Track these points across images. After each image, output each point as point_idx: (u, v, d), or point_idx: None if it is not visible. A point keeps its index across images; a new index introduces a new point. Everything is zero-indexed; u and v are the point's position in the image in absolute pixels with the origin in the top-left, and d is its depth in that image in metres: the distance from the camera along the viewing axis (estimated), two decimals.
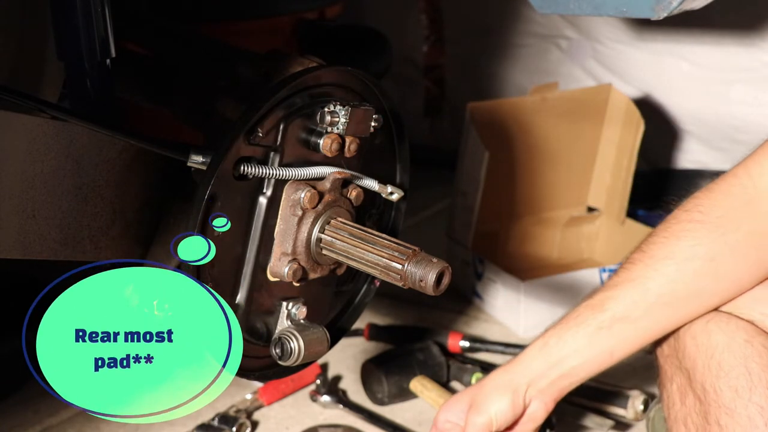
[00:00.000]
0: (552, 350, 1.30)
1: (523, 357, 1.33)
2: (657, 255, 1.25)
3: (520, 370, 1.32)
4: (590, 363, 1.30)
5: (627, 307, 1.25)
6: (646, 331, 1.27)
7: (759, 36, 2.42)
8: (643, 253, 1.27)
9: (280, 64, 1.40)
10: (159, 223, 1.36)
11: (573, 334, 1.27)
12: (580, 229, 2.38)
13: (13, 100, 1.12)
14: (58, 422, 1.81)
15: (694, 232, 1.24)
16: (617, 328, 1.26)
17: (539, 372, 1.31)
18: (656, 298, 1.25)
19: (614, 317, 1.25)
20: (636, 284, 1.25)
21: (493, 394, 1.33)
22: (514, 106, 2.28)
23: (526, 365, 1.32)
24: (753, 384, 1.19)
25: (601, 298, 1.27)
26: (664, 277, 1.24)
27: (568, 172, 2.34)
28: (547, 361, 1.30)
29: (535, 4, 1.23)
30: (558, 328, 1.30)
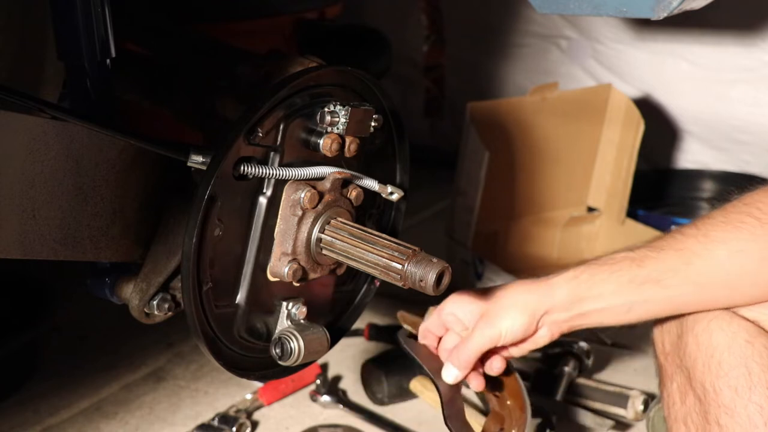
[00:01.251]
0: (581, 286, 1.28)
1: (549, 282, 1.32)
2: (712, 236, 1.23)
3: (543, 295, 1.31)
4: (609, 311, 1.28)
5: (664, 273, 1.23)
6: (670, 302, 1.26)
7: (759, 36, 2.43)
8: (697, 229, 1.24)
9: (280, 64, 1.40)
10: (159, 223, 1.35)
11: (604, 279, 1.26)
12: (580, 229, 2.38)
13: (13, 100, 1.12)
14: (58, 422, 1.81)
15: (752, 228, 1.22)
16: (647, 288, 1.24)
17: (561, 303, 1.30)
18: (696, 276, 1.23)
19: (648, 276, 1.24)
20: (682, 255, 1.23)
21: (510, 311, 1.32)
22: (514, 106, 2.28)
23: (550, 292, 1.31)
24: (753, 384, 1.19)
25: (642, 255, 1.25)
26: (712, 259, 1.22)
27: (568, 172, 2.34)
28: (572, 295, 1.29)
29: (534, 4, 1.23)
30: (593, 267, 1.29)
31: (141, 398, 1.88)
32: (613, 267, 1.26)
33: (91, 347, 2.07)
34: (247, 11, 2.21)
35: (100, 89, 1.32)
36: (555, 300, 1.30)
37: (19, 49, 1.37)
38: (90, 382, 1.92)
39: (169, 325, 1.48)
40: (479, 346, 1.33)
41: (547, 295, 1.31)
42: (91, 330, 2.11)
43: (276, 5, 2.24)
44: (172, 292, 1.35)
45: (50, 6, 1.29)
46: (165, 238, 1.34)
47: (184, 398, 1.88)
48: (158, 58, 1.61)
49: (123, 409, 1.84)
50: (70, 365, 1.99)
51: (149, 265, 1.34)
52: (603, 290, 1.26)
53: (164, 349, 2.04)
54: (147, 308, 1.34)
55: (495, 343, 1.33)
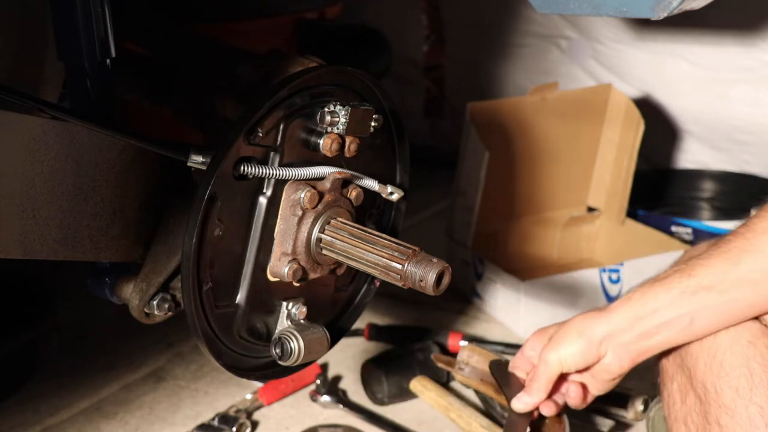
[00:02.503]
0: (634, 305, 1.27)
1: (606, 308, 1.32)
2: (757, 228, 1.20)
3: (600, 320, 1.31)
4: (671, 326, 1.25)
5: (715, 277, 1.21)
6: (730, 305, 1.22)
7: (759, 36, 2.43)
8: (745, 227, 1.22)
9: (280, 64, 1.40)
10: (159, 223, 1.35)
11: (655, 294, 1.25)
12: (580, 229, 2.38)
13: (13, 100, 1.12)
14: (58, 422, 1.81)
15: None
16: (701, 296, 1.22)
17: (619, 326, 1.29)
18: (747, 273, 1.20)
19: (700, 284, 1.21)
20: (729, 256, 1.21)
21: (569, 336, 1.33)
22: (514, 106, 2.28)
23: (606, 316, 1.30)
24: (754, 384, 1.19)
25: (691, 264, 1.23)
26: (759, 251, 1.19)
27: (568, 172, 2.34)
28: (628, 315, 1.28)
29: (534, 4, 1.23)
30: (644, 286, 1.28)
31: (141, 398, 1.88)
32: (663, 282, 1.25)
33: (91, 347, 2.07)
34: (247, 11, 2.21)
35: (100, 89, 1.32)
36: (612, 322, 1.30)
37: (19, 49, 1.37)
38: (90, 382, 1.92)
39: (169, 325, 1.48)
40: (545, 373, 1.35)
41: (602, 319, 1.31)
42: (91, 330, 2.11)
43: (276, 5, 2.24)
44: (172, 292, 1.35)
45: (50, 6, 1.29)
46: (165, 238, 1.34)
47: (184, 398, 1.88)
48: (158, 58, 1.61)
49: (123, 409, 1.84)
50: (70, 365, 1.99)
51: (149, 265, 1.34)
52: (658, 305, 1.25)
53: (164, 349, 2.04)
54: (147, 308, 1.35)
55: (559, 369, 1.35)
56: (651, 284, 1.28)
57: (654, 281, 1.28)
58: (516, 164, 2.27)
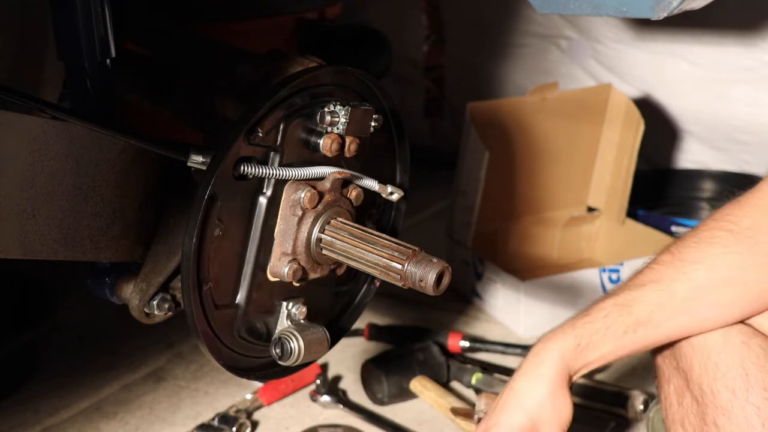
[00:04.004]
0: (578, 359, 1.23)
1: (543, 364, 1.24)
2: (686, 258, 1.23)
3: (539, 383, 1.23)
4: (607, 359, 1.26)
5: (652, 311, 1.22)
6: (665, 336, 1.25)
7: (759, 36, 2.43)
8: (672, 255, 1.24)
9: (280, 64, 1.40)
10: (159, 223, 1.35)
11: (602, 338, 1.23)
12: (580, 229, 2.38)
13: (13, 100, 1.12)
14: (58, 422, 1.81)
15: (725, 240, 1.22)
16: (641, 332, 1.23)
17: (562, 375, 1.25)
18: (681, 303, 1.22)
19: (639, 321, 1.22)
20: (662, 286, 1.23)
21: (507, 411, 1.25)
22: (514, 106, 2.28)
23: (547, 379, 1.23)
24: (750, 385, 1.19)
25: (627, 298, 1.23)
26: (691, 281, 1.22)
27: (568, 172, 2.34)
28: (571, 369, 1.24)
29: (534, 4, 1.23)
30: (585, 328, 1.23)
31: (141, 398, 1.88)
32: (606, 321, 1.23)
33: (91, 347, 2.07)
34: (247, 11, 2.21)
35: (100, 89, 1.32)
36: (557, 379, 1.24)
37: (19, 49, 1.37)
38: (90, 382, 1.92)
39: (169, 325, 1.48)
40: None
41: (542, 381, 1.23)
42: (91, 330, 2.11)
43: (276, 5, 2.24)
44: (172, 292, 1.35)
45: (50, 6, 1.29)
46: (165, 238, 1.34)
47: (184, 398, 1.88)
48: (158, 58, 1.61)
49: (123, 409, 1.84)
50: (70, 365, 1.99)
51: (149, 265, 1.35)
52: (603, 351, 1.23)
53: (164, 349, 2.04)
54: (147, 308, 1.35)
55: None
56: (592, 324, 1.23)
57: (594, 319, 1.23)
58: (516, 164, 2.27)
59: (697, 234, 1.25)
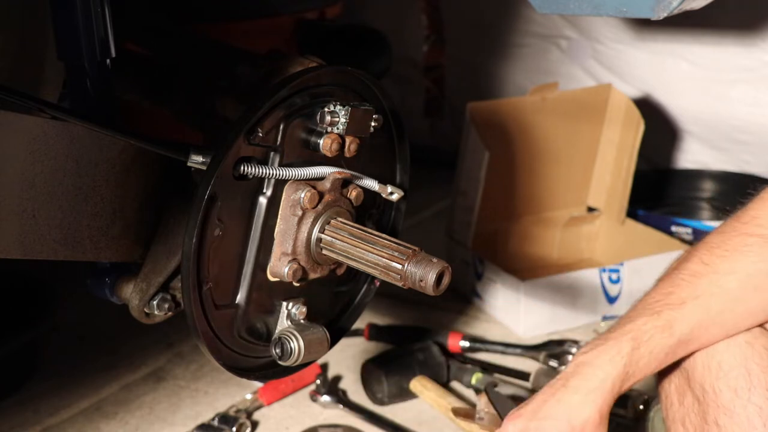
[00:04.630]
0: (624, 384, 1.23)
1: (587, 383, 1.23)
2: (720, 270, 1.22)
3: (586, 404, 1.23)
4: (644, 378, 1.26)
5: (693, 330, 1.22)
6: (697, 348, 1.25)
7: (759, 36, 2.43)
8: (705, 266, 1.23)
9: (280, 64, 1.40)
10: (159, 222, 1.35)
11: (646, 363, 1.22)
12: (580, 229, 2.38)
13: (13, 100, 1.12)
14: (58, 422, 1.81)
15: (757, 247, 1.21)
16: (680, 351, 1.23)
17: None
18: (716, 316, 1.22)
19: (680, 341, 1.22)
20: (700, 302, 1.22)
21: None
22: (514, 106, 2.28)
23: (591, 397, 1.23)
24: (752, 385, 1.19)
25: (668, 318, 1.22)
26: (727, 294, 1.22)
27: (568, 172, 2.34)
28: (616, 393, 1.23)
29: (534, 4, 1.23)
30: (634, 355, 1.22)
31: (141, 398, 1.88)
32: (649, 345, 1.22)
33: (91, 347, 2.07)
34: (247, 11, 2.21)
35: (100, 89, 1.32)
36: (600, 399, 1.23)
37: (19, 49, 1.37)
38: (90, 382, 1.92)
39: (169, 325, 1.48)
40: None
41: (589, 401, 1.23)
42: (91, 330, 2.11)
43: (276, 5, 2.24)
44: (172, 292, 1.35)
45: (50, 6, 1.29)
46: (165, 238, 1.34)
47: (184, 398, 1.88)
48: (158, 58, 1.61)
49: (123, 409, 1.84)
50: (70, 365, 1.99)
51: (149, 265, 1.35)
52: (646, 373, 1.23)
53: (164, 349, 2.04)
54: (147, 308, 1.35)
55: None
56: (637, 348, 1.22)
57: (638, 343, 1.22)
58: (516, 164, 2.27)
59: (728, 240, 1.24)
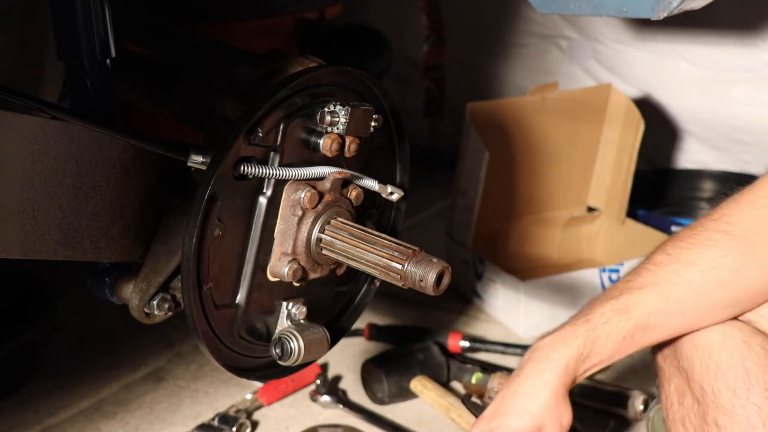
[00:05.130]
0: (579, 367, 1.25)
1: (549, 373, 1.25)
2: (683, 260, 1.24)
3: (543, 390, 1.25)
4: (604, 364, 1.28)
5: (649, 315, 1.24)
6: (659, 338, 1.27)
7: (759, 36, 2.43)
8: (668, 256, 1.25)
9: (280, 64, 1.40)
10: (159, 222, 1.36)
11: (602, 345, 1.24)
12: (580, 229, 2.38)
13: (13, 100, 1.12)
14: (58, 422, 1.81)
15: (722, 243, 1.23)
16: (638, 336, 1.25)
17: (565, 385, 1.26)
18: (676, 306, 1.24)
19: (637, 325, 1.24)
20: (659, 289, 1.24)
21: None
22: (514, 106, 2.28)
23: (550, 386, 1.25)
24: (751, 384, 1.19)
25: (626, 303, 1.24)
26: (687, 284, 1.23)
27: (568, 172, 2.34)
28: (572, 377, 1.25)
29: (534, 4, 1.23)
30: (588, 336, 1.24)
31: (141, 398, 1.88)
32: (606, 328, 1.24)
33: (91, 347, 2.07)
34: (247, 11, 2.21)
35: (100, 89, 1.32)
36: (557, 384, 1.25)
37: (19, 49, 1.37)
38: (90, 382, 1.92)
39: (169, 325, 1.48)
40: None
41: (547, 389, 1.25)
42: (91, 330, 2.11)
43: (276, 5, 2.24)
44: (172, 292, 1.35)
45: (50, 6, 1.29)
46: (165, 238, 1.34)
47: (184, 398, 1.88)
48: (158, 58, 1.61)
49: (123, 409, 1.84)
50: (70, 365, 1.99)
51: (149, 265, 1.35)
52: (603, 356, 1.25)
53: (164, 349, 2.04)
54: (147, 308, 1.35)
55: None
56: (593, 330, 1.24)
57: (594, 326, 1.24)
58: (516, 164, 2.27)
59: (695, 235, 1.26)
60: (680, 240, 1.27)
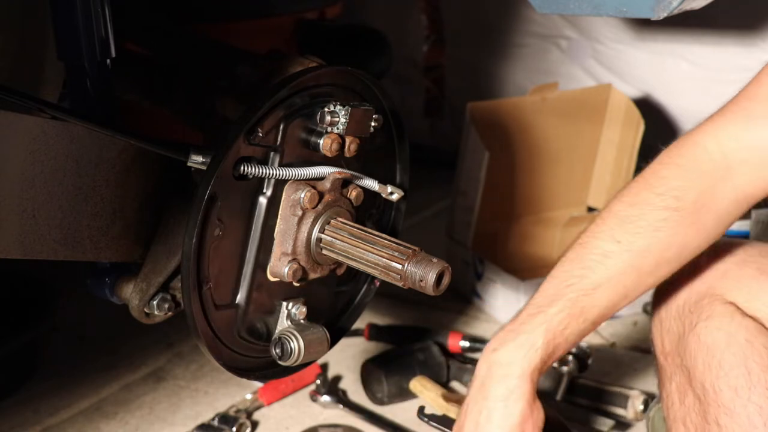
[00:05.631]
0: (545, 365, 1.24)
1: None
2: (635, 248, 1.22)
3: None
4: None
5: (603, 312, 1.23)
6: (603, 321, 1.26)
7: (759, 36, 2.43)
8: (619, 244, 1.23)
9: (280, 64, 1.40)
10: (159, 222, 1.36)
11: (561, 348, 1.23)
12: (580, 229, 2.36)
13: (13, 100, 1.12)
14: (58, 422, 1.81)
15: (671, 222, 1.21)
16: (591, 330, 1.25)
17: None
18: (628, 292, 1.24)
19: (592, 323, 1.24)
20: (613, 284, 1.23)
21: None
22: (514, 106, 2.28)
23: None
24: (752, 384, 1.19)
25: (582, 306, 1.22)
26: (639, 272, 1.23)
27: (568, 172, 2.34)
28: (540, 373, 1.24)
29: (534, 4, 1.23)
30: (549, 345, 1.22)
31: (141, 398, 1.88)
32: (565, 333, 1.23)
33: (91, 347, 2.07)
34: (247, 11, 2.21)
35: (100, 89, 1.32)
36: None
37: (19, 49, 1.37)
38: (90, 382, 1.92)
39: (169, 325, 1.48)
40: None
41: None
42: (91, 330, 2.11)
43: (276, 5, 2.24)
44: (172, 292, 1.35)
45: (50, 6, 1.29)
46: (165, 238, 1.34)
47: (184, 398, 1.88)
48: (158, 58, 1.61)
49: (123, 409, 1.84)
50: (70, 365, 1.99)
51: (149, 265, 1.35)
52: (558, 356, 1.24)
53: (164, 349, 2.04)
54: (147, 308, 1.35)
55: None
56: (552, 338, 1.22)
57: (554, 335, 1.22)
58: (516, 164, 2.27)
59: (643, 216, 1.23)
60: (628, 223, 1.23)
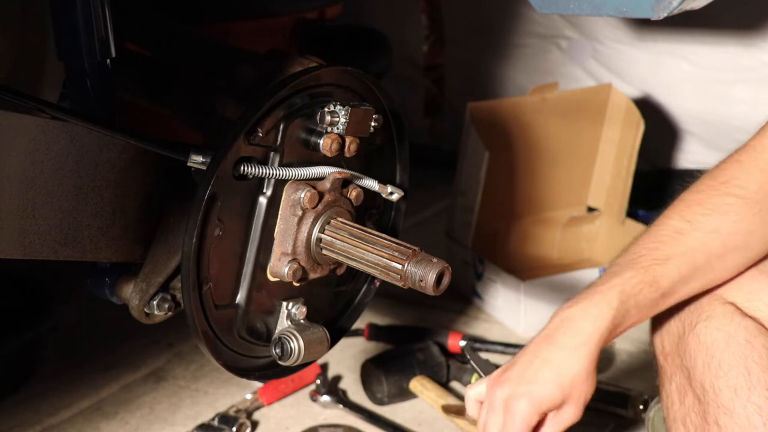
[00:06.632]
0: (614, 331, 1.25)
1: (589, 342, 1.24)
2: (704, 228, 1.27)
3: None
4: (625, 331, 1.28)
5: (674, 285, 1.26)
6: (675, 302, 1.28)
7: (759, 36, 2.42)
8: (689, 223, 1.28)
9: (280, 64, 1.40)
10: (159, 222, 1.36)
11: (632, 316, 1.24)
12: (580, 229, 2.38)
13: (13, 100, 1.12)
14: (58, 422, 1.81)
15: (736, 207, 1.27)
16: (660, 304, 1.27)
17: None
18: (696, 272, 1.26)
19: (663, 294, 1.26)
20: (685, 259, 1.26)
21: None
22: (514, 106, 2.28)
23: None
24: (752, 384, 1.19)
25: (655, 275, 1.25)
26: (710, 252, 1.26)
27: (568, 172, 2.34)
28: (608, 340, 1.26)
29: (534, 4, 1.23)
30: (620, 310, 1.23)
31: (141, 398, 1.88)
32: (637, 299, 1.24)
33: (91, 347, 2.07)
34: (247, 11, 2.21)
35: (100, 89, 1.32)
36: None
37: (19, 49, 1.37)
38: (90, 382, 1.92)
39: (169, 325, 1.48)
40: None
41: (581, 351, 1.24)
42: (91, 330, 2.11)
43: (276, 5, 2.24)
44: (172, 292, 1.35)
45: (50, 6, 1.29)
46: (165, 238, 1.34)
47: (184, 398, 1.88)
48: (158, 58, 1.61)
49: (123, 409, 1.84)
50: (70, 365, 1.99)
51: (149, 265, 1.35)
52: (628, 325, 1.26)
53: (164, 349, 2.04)
54: (147, 308, 1.35)
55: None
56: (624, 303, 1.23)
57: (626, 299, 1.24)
58: (516, 164, 2.27)
59: (710, 200, 1.29)
60: (697, 205, 1.30)
